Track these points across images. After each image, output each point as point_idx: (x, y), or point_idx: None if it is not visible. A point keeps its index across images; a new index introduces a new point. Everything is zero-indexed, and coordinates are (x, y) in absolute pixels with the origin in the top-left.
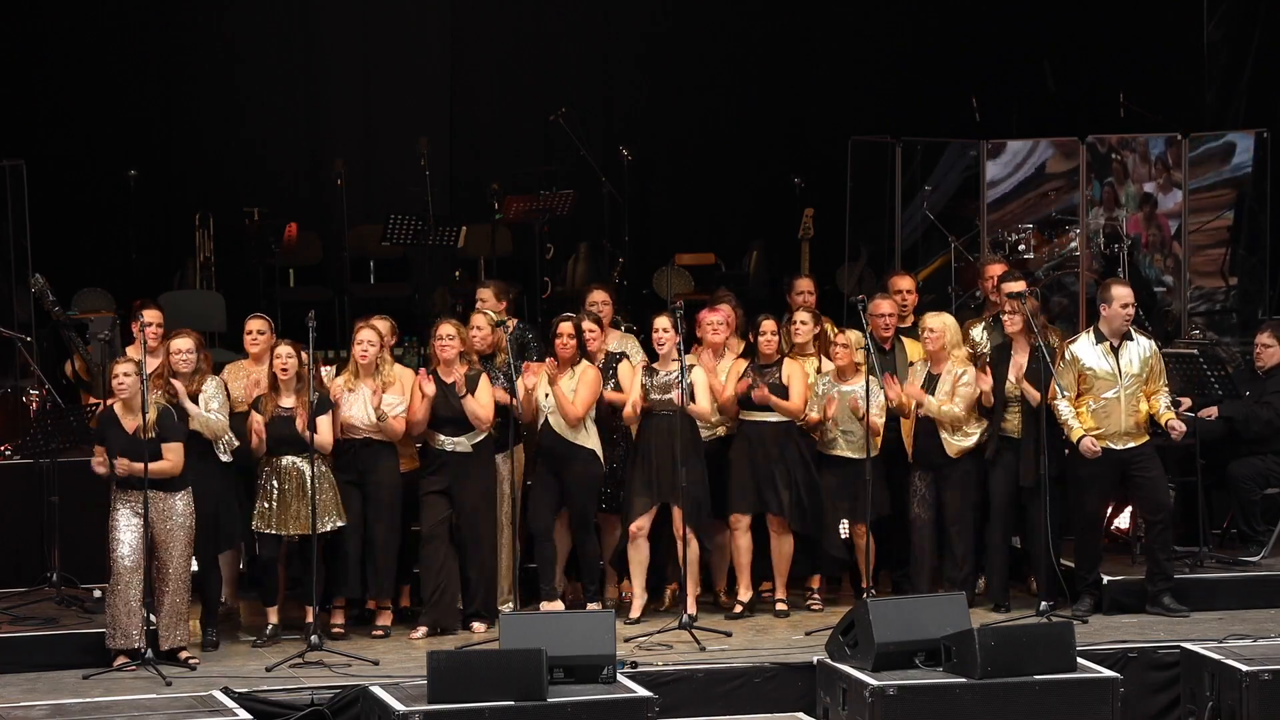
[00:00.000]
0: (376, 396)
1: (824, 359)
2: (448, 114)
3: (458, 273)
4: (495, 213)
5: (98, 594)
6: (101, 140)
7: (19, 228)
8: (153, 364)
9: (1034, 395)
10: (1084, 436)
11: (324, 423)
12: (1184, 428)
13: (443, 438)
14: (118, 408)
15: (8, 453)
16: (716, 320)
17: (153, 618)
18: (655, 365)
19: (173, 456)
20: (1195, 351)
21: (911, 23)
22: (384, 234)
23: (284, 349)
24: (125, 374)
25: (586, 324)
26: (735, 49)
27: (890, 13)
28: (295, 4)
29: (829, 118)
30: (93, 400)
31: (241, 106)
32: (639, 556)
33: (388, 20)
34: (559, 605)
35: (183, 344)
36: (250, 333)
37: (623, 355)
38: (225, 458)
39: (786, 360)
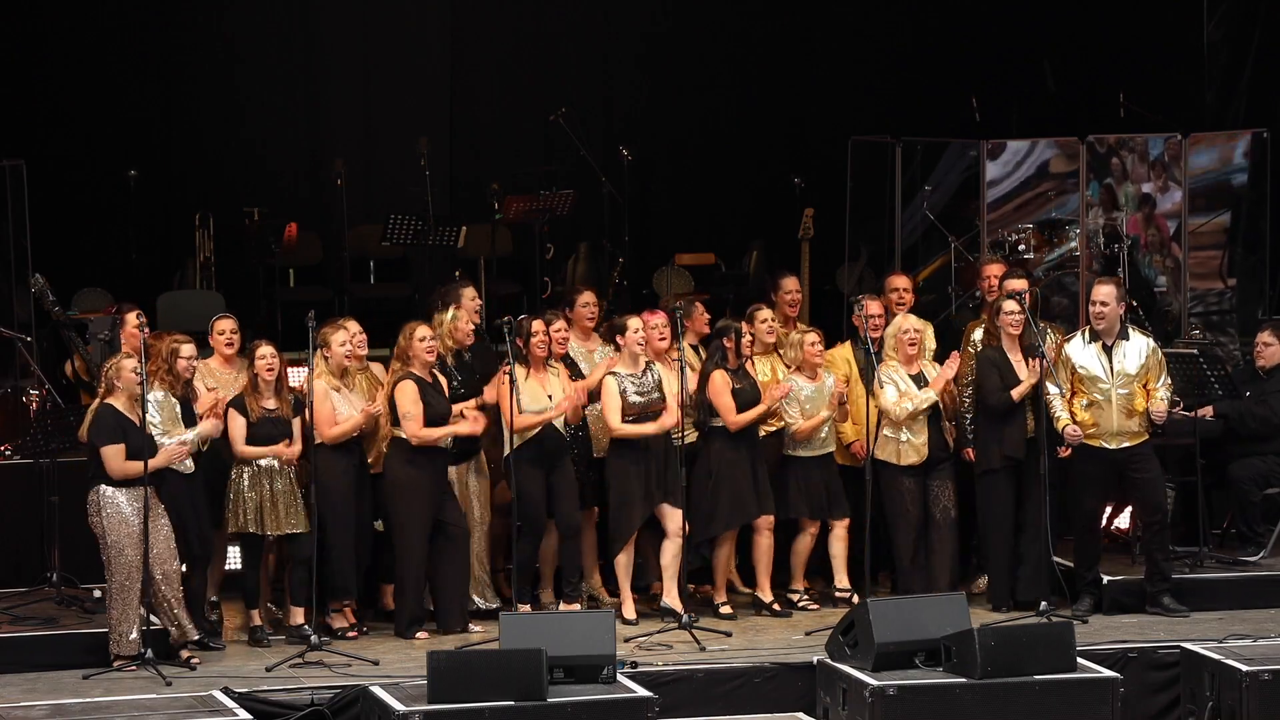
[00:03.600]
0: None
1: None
2: (448, 114)
3: (458, 273)
4: (495, 213)
5: (98, 594)
6: (101, 140)
7: (19, 228)
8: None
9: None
10: (1067, 425)
11: (298, 424)
12: (1164, 414)
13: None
14: (122, 405)
15: (8, 453)
16: (655, 323)
17: (154, 618)
18: (627, 369)
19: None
20: (1195, 351)
21: (911, 23)
22: (384, 234)
23: (267, 349)
24: (133, 369)
25: (558, 325)
26: (735, 49)
27: (890, 13)
28: (295, 4)
29: (829, 118)
30: (91, 400)
31: (241, 106)
32: (627, 561)
33: (388, 20)
34: (576, 606)
35: (191, 349)
36: (224, 333)
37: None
38: (188, 468)
39: (756, 359)
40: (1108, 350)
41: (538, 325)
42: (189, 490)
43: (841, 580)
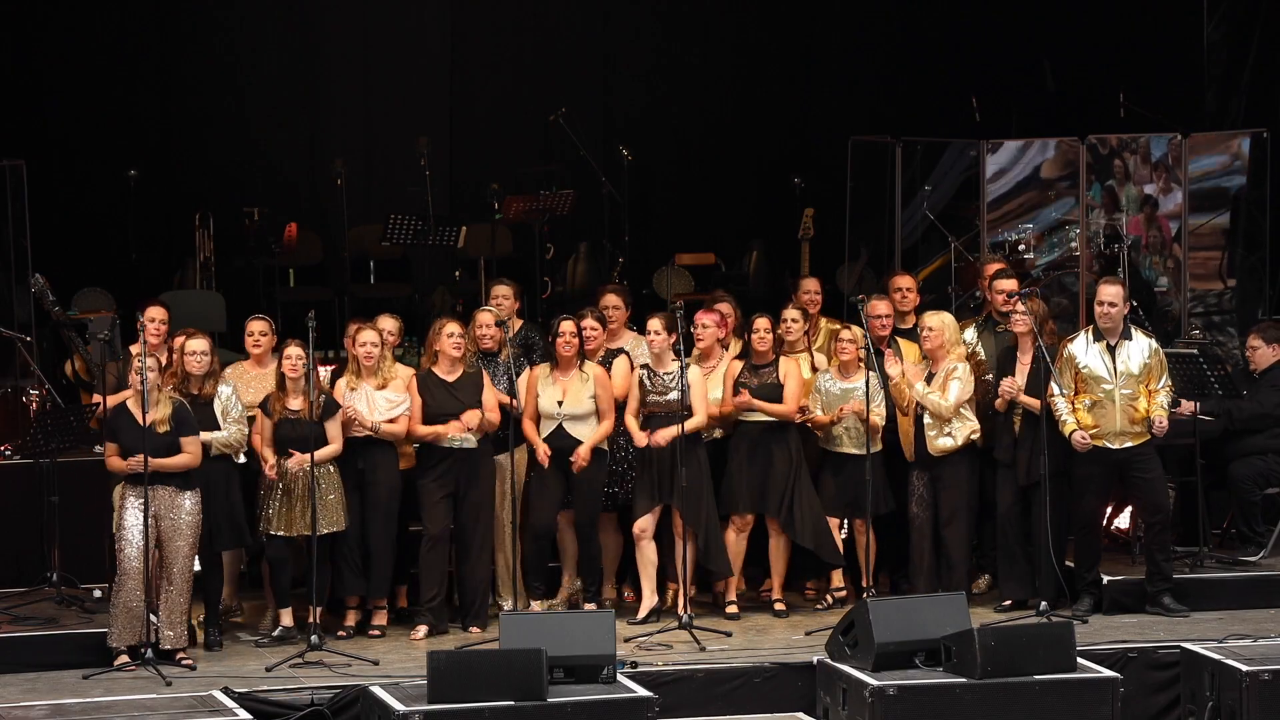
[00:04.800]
0: (372, 401)
1: (815, 355)
2: (448, 114)
3: (458, 273)
4: (495, 213)
5: (98, 594)
6: (101, 140)
7: (19, 228)
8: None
9: (1033, 405)
10: (1075, 430)
11: (332, 426)
12: (1165, 426)
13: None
14: (130, 403)
15: (8, 453)
16: (706, 322)
17: (153, 617)
18: (653, 366)
19: (193, 449)
20: (1195, 351)
21: (911, 23)
22: (384, 234)
23: (294, 350)
24: (148, 368)
25: (589, 322)
26: (735, 49)
27: (890, 13)
28: (295, 4)
29: (829, 118)
30: (94, 399)
31: (242, 106)
32: (646, 558)
33: (388, 20)
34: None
35: (198, 345)
36: (252, 334)
37: (620, 351)
38: (239, 460)
39: (782, 359)
40: (1111, 350)
41: (566, 325)
42: (234, 476)
43: (867, 579)
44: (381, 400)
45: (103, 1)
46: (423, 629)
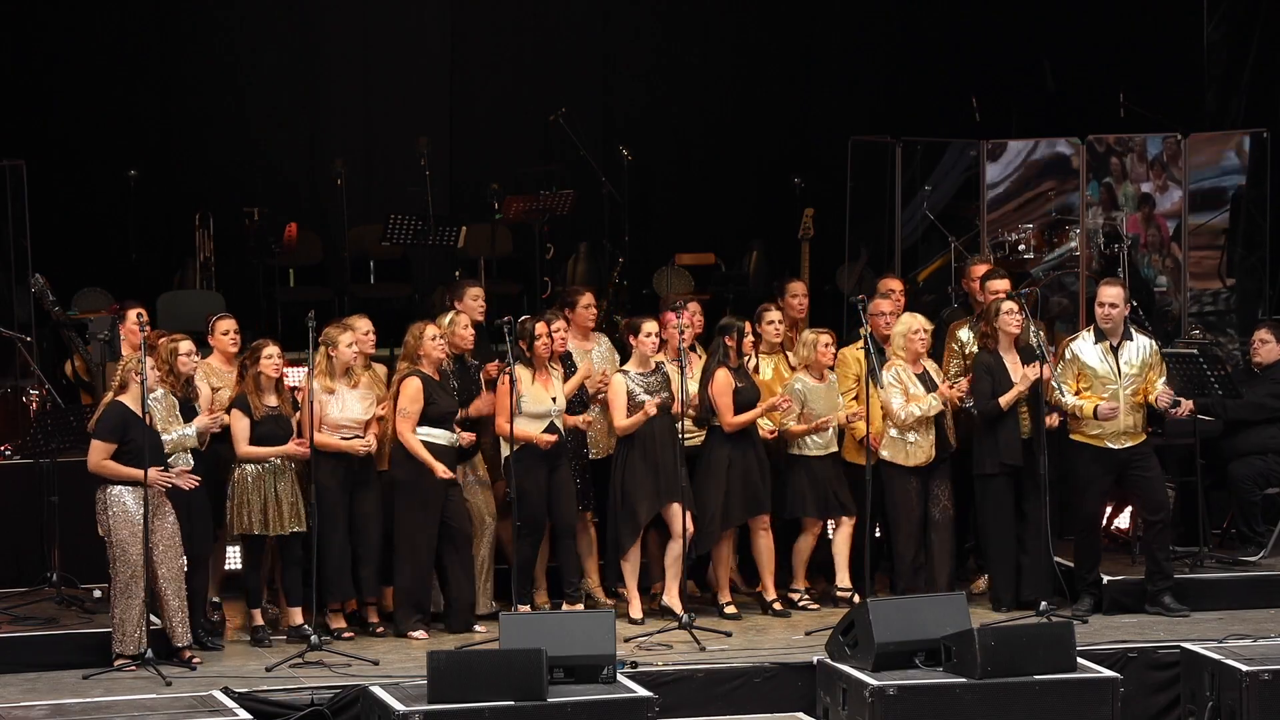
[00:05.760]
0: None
1: (788, 355)
2: (448, 114)
3: (458, 273)
4: (495, 213)
5: (98, 594)
6: (101, 140)
7: (19, 228)
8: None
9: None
10: (1097, 405)
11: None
12: (1170, 400)
13: (448, 434)
14: (131, 404)
15: (8, 453)
16: (671, 324)
17: (154, 618)
18: (637, 369)
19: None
20: (1195, 351)
21: (911, 23)
22: (384, 234)
23: (274, 349)
24: (151, 367)
25: (559, 324)
26: (735, 49)
27: (890, 13)
28: (295, 4)
29: (829, 118)
30: (91, 400)
31: (242, 107)
32: (635, 560)
33: (388, 20)
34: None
35: (190, 346)
36: (228, 333)
37: (569, 355)
38: (188, 464)
39: (762, 360)
40: (1114, 351)
41: (540, 327)
42: (207, 478)
43: (844, 579)
44: (357, 399)
45: (103, 1)
46: (421, 630)
